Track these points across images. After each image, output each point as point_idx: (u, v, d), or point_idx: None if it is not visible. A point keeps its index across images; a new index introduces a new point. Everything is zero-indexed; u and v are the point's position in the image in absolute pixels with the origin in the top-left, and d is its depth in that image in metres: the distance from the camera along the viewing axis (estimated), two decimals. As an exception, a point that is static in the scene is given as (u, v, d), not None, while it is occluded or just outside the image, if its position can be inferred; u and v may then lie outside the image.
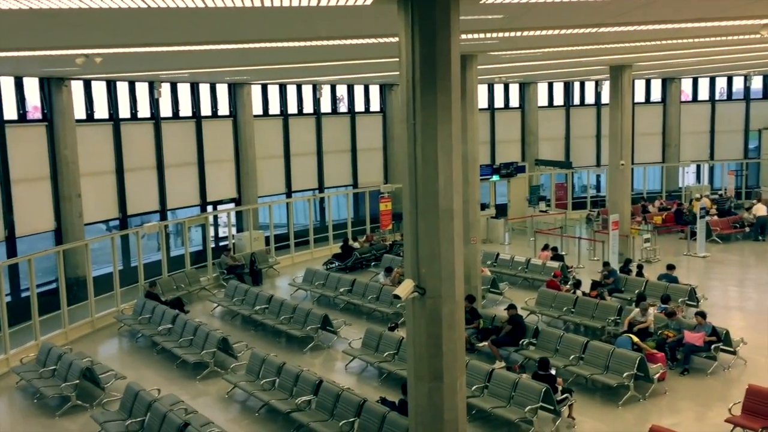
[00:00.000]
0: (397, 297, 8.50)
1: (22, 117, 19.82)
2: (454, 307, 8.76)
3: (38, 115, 20.35)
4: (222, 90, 25.62)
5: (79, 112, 21.08)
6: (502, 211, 30.03)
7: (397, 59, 8.68)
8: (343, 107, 29.76)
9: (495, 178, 29.54)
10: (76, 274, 19.67)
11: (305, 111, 28.31)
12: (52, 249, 18.81)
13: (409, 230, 8.74)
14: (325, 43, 13.52)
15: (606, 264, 19.97)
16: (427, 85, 8.29)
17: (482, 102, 30.66)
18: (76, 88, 20.93)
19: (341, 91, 29.46)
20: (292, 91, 27.69)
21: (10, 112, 19.36)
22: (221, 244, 25.32)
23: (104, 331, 18.26)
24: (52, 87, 20.05)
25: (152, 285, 19.17)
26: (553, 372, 12.51)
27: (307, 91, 28.15)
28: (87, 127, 21.37)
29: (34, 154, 20.00)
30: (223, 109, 25.85)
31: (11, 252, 19.13)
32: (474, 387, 12.30)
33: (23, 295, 18.75)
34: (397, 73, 8.82)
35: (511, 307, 15.62)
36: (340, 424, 11.31)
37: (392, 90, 29.82)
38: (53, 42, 12.56)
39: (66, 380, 13.51)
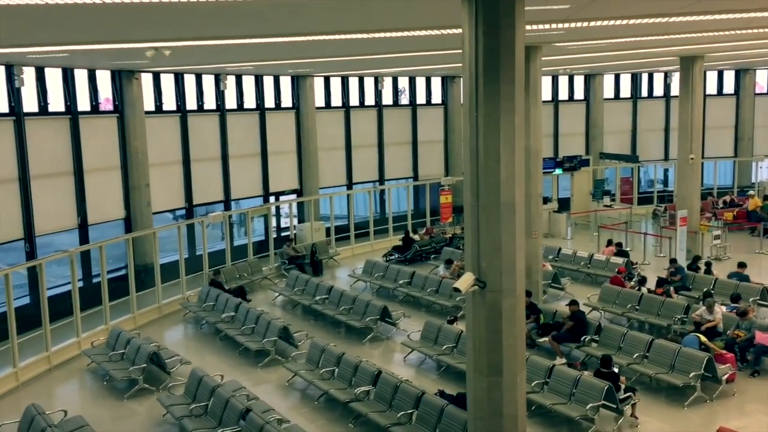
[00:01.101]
0: (457, 290, 8.45)
1: (95, 108, 20.50)
2: (515, 301, 8.66)
3: (110, 107, 21.02)
4: (285, 82, 25.94)
5: (149, 104, 21.69)
6: (564, 205, 29.51)
7: (460, 51, 8.61)
8: (404, 99, 29.73)
9: (558, 171, 29.04)
10: (145, 262, 20.27)
11: (367, 103, 28.40)
12: (122, 237, 19.45)
13: (470, 223, 8.67)
14: (387, 35, 13.52)
15: (673, 261, 19.42)
16: (491, 77, 8.19)
17: (546, 94, 30.16)
18: (146, 80, 21.53)
19: (403, 83, 29.44)
20: (354, 83, 27.82)
21: (84, 104, 20.06)
22: (283, 234, 25.68)
23: (170, 317, 18.77)
24: (123, 79, 20.68)
25: (216, 273, 19.61)
26: (615, 370, 12.26)
27: (369, 83, 28.23)
28: (156, 119, 21.97)
29: (106, 145, 20.68)
30: (286, 101, 26.17)
31: (83, 239, 19.85)
32: (534, 383, 12.16)
33: (94, 281, 19.44)
34: (460, 64, 8.75)
35: (573, 302, 15.36)
36: (399, 415, 11.35)
37: (454, 82, 29.63)
38: (125, 35, 12.94)
39: (134, 364, 13.96)
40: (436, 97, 30.17)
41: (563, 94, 32.27)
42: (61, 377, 15.02)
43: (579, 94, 32.50)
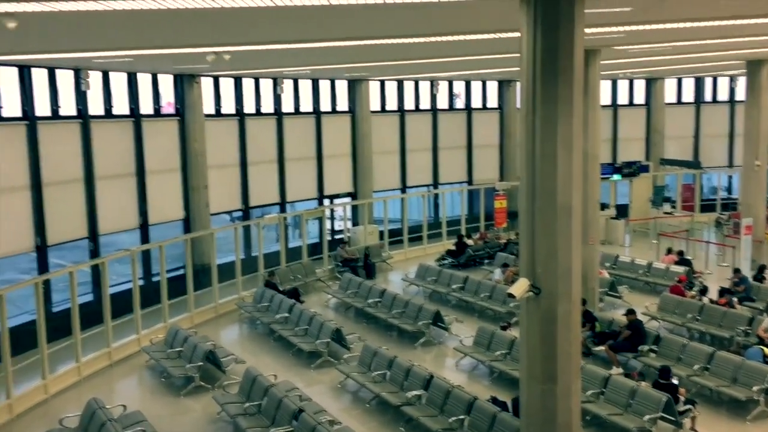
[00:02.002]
0: (511, 296, 8.37)
1: (157, 111, 21.05)
2: (571, 308, 8.53)
3: (171, 110, 21.55)
4: (341, 86, 26.14)
5: (208, 107, 22.15)
6: (622, 211, 28.89)
7: (518, 54, 8.53)
8: (459, 103, 29.61)
9: (616, 177, 28.44)
10: (202, 262, 20.68)
11: (422, 107, 28.39)
12: (181, 237, 19.89)
13: (525, 228, 8.58)
14: (444, 39, 13.50)
15: (737, 271, 18.80)
16: (549, 80, 8.10)
17: (605, 98, 29.61)
18: (206, 84, 22.00)
19: (459, 87, 29.32)
20: (409, 87, 27.84)
21: (147, 107, 20.62)
22: (337, 237, 25.86)
23: (226, 316, 19.10)
24: (184, 83, 21.18)
25: (271, 274, 19.87)
26: (675, 381, 11.92)
27: (425, 87, 28.22)
28: (215, 122, 22.42)
29: (167, 147, 21.21)
30: (342, 104, 26.37)
31: (144, 239, 20.39)
32: (589, 392, 11.93)
33: (154, 279, 19.93)
34: (517, 68, 8.68)
35: (631, 311, 15.01)
36: (450, 420, 11.29)
37: (510, 86, 29.36)
38: (187, 40, 13.27)
39: (191, 361, 14.25)
40: (492, 101, 29.95)
41: (623, 99, 31.62)
42: (121, 373, 15.44)
43: (639, 98, 31.80)
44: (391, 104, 27.70)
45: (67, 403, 13.53)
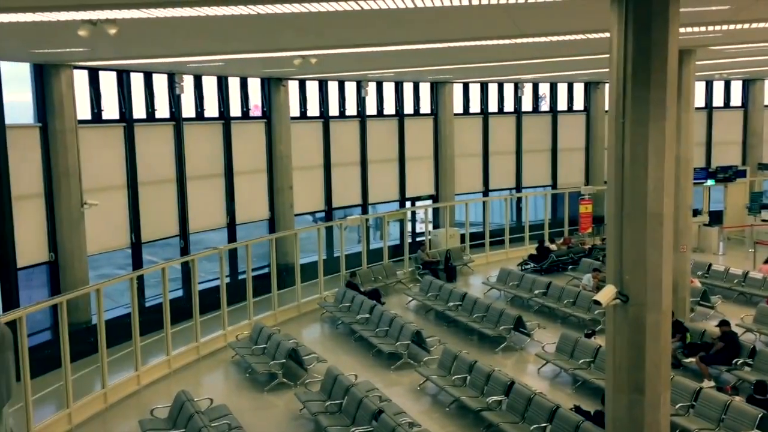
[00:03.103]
0: (597, 303, 8.17)
1: (245, 114, 21.66)
2: (660, 317, 8.25)
3: (258, 113, 22.12)
4: (424, 89, 26.17)
5: (294, 110, 22.62)
6: (716, 218, 27.67)
7: (607, 55, 8.32)
8: (545, 106, 29.11)
9: (710, 182, 27.29)
10: (286, 261, 21.13)
11: (506, 110, 28.08)
12: (266, 236, 20.39)
13: (613, 234, 8.35)
14: (531, 40, 13.32)
15: (841, 282, 17.70)
16: (640, 81, 7.87)
17: (699, 100, 28.46)
18: (292, 87, 22.47)
19: (543, 89, 28.84)
20: (493, 89, 27.59)
21: (235, 110, 21.24)
22: (418, 239, 25.90)
23: (308, 315, 19.42)
24: (271, 86, 21.71)
25: (353, 275, 20.09)
26: (771, 397, 11.33)
27: (509, 89, 27.89)
28: (300, 124, 22.87)
29: (254, 149, 21.79)
30: (425, 107, 26.39)
31: (231, 238, 21.01)
32: (678, 405, 11.49)
33: (240, 277, 20.50)
34: (606, 70, 8.47)
35: (724, 323, 14.36)
36: (531, 428, 11.10)
37: (598, 88, 28.65)
38: (276, 45, 13.59)
39: (274, 359, 14.57)
40: (579, 104, 29.31)
41: (718, 100, 30.33)
42: (208, 367, 15.95)
43: (736, 100, 30.41)
44: (475, 107, 27.52)
45: (157, 395, 14.09)
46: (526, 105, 28.45)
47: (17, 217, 15.44)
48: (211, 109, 20.58)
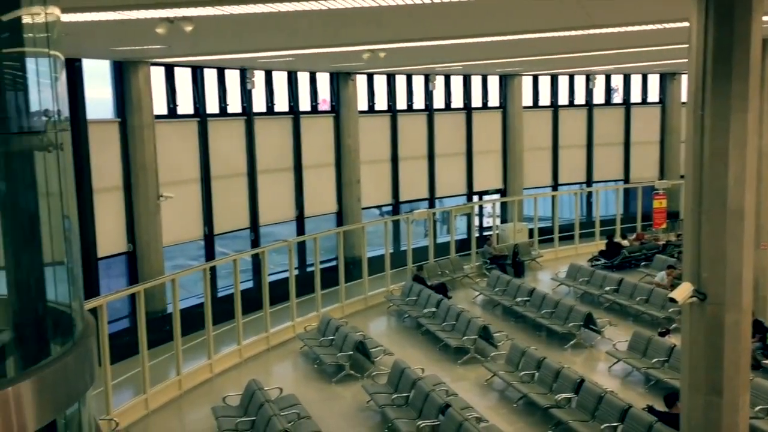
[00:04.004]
0: (672, 300, 7.94)
1: (314, 108, 21.93)
2: (740, 316, 7.95)
3: (327, 107, 22.36)
4: (493, 81, 25.91)
5: (362, 104, 22.77)
6: (799, 214, 26.44)
7: (685, 45, 8.06)
8: (617, 98, 28.41)
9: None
10: (353, 254, 21.32)
11: (576, 102, 27.54)
12: (334, 230, 20.62)
13: (690, 230, 8.10)
14: (604, 31, 13.02)
15: None
16: (721, 72, 7.58)
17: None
18: (361, 81, 22.62)
19: (616, 80, 28.13)
20: (563, 81, 27.09)
21: (305, 105, 21.53)
22: (485, 233, 25.70)
23: (375, 308, 19.54)
24: (340, 81, 21.90)
25: (419, 269, 20.11)
26: None
27: (580, 81, 27.34)
28: (368, 118, 23.00)
29: (322, 143, 22.05)
30: (493, 100, 26.14)
31: (300, 230, 21.34)
32: (758, 407, 11.08)
33: (308, 270, 20.81)
34: (683, 60, 8.20)
35: (808, 323, 13.75)
36: (602, 426, 10.90)
37: (674, 79, 27.78)
38: (345, 39, 13.71)
39: (341, 350, 14.74)
40: (653, 95, 28.48)
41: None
42: (277, 357, 16.27)
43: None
44: (544, 99, 27.09)
45: (229, 383, 14.46)
46: (598, 97, 27.84)
47: (98, 209, 16.11)
48: (281, 103, 20.93)
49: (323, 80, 21.97)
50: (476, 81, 25.58)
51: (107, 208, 16.66)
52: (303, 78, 21.34)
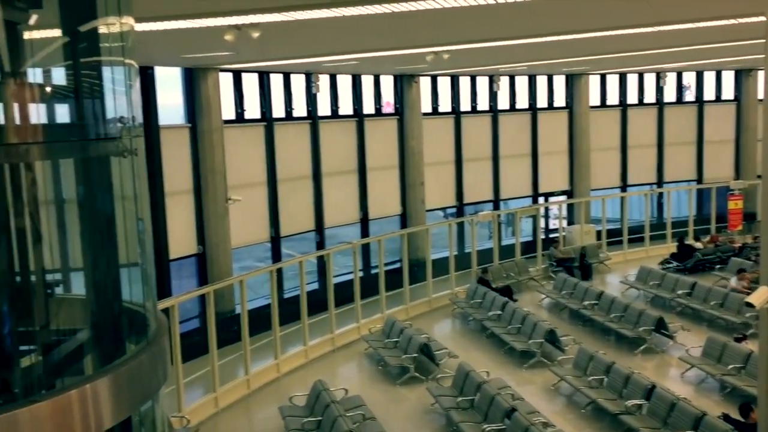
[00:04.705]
0: (749, 305, 7.63)
1: (378, 111, 22.04)
2: (824, 323, 7.59)
3: (390, 110, 22.43)
4: (559, 81, 25.50)
5: (425, 106, 22.76)
6: None
7: (762, 40, 7.75)
8: (689, 96, 27.53)
9: None
10: (417, 256, 21.30)
11: (646, 101, 26.82)
12: (398, 232, 20.67)
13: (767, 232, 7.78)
14: (672, 28, 12.64)
15: None
16: (801, 67, 7.26)
17: None
18: (424, 83, 22.61)
19: (688, 78, 27.27)
20: (632, 80, 26.43)
21: (369, 107, 21.67)
22: (551, 235, 25.30)
23: (439, 311, 19.47)
24: (404, 83, 21.95)
25: (484, 271, 19.95)
26: None
27: (650, 79, 26.62)
28: (431, 120, 22.97)
29: (387, 145, 22.13)
30: (559, 100, 25.72)
31: (364, 233, 21.47)
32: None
33: (372, 272, 20.91)
34: (760, 56, 7.89)
35: None
36: (674, 434, 10.58)
37: (750, 75, 26.73)
38: (409, 42, 13.73)
39: (406, 352, 14.75)
40: (728, 93, 27.48)
41: None
42: (342, 358, 16.40)
43: None
44: (612, 98, 26.49)
45: (295, 383, 14.65)
46: (669, 95, 27.04)
47: (169, 212, 16.58)
48: (346, 106, 21.11)
49: (387, 83, 22.06)
50: (541, 81, 25.22)
51: (178, 211, 17.14)
52: (367, 81, 21.48)
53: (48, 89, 3.68)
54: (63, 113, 3.78)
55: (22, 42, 3.35)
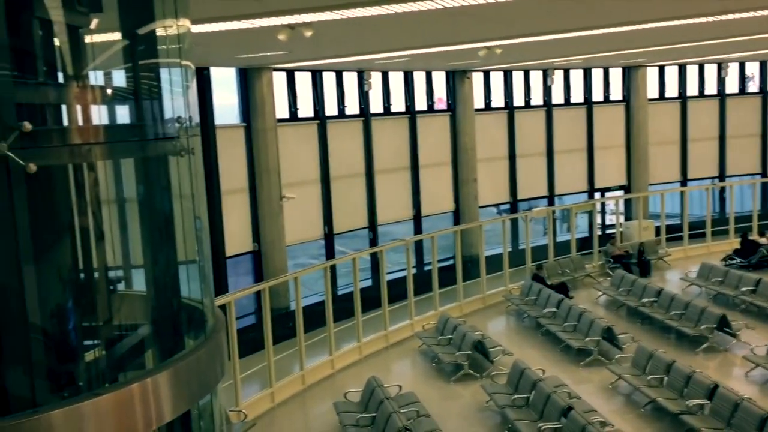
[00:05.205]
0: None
1: (430, 108, 21.97)
2: None
3: (443, 106, 22.34)
4: (615, 74, 24.97)
5: (478, 102, 22.58)
6: None
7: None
8: (753, 86, 26.61)
9: None
10: (470, 253, 21.16)
11: (707, 92, 26.03)
12: (451, 228, 20.57)
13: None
14: (737, 16, 12.22)
15: None
16: None
17: None
18: (477, 79, 22.44)
19: (752, 68, 26.35)
20: (692, 71, 25.69)
21: (421, 104, 21.62)
22: (608, 231, 24.82)
23: (493, 308, 19.33)
24: (456, 79, 21.83)
25: (539, 268, 19.70)
26: None
27: (710, 70, 25.82)
28: (484, 116, 22.79)
29: (439, 142, 22.06)
30: (616, 93, 25.18)
31: (417, 229, 21.45)
32: None
33: (425, 268, 20.87)
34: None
35: None
36: (738, 436, 10.26)
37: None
38: (461, 37, 13.63)
39: (460, 349, 14.68)
40: (794, 82, 26.48)
41: None
42: (396, 354, 16.44)
43: None
44: (671, 90, 25.80)
45: (349, 379, 14.75)
46: (731, 86, 26.18)
47: (225, 210, 16.88)
48: (398, 103, 21.12)
49: (439, 79, 21.97)
50: (597, 74, 24.74)
51: (234, 209, 17.43)
52: (419, 77, 21.44)
53: (108, 91, 3.78)
54: (123, 114, 3.87)
55: (84, 45, 3.45)
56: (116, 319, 3.81)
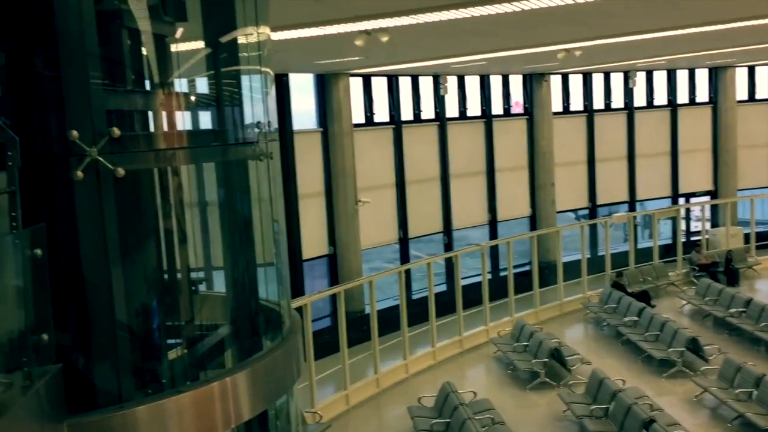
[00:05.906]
0: None
1: (507, 111, 21.73)
2: None
3: (519, 110, 22.05)
4: (701, 75, 24.06)
5: (556, 105, 22.19)
6: None
7: None
8: None
9: None
10: (547, 259, 20.79)
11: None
12: (527, 234, 20.27)
13: None
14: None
15: None
16: None
17: None
18: (555, 82, 22.05)
19: None
20: (785, 71, 24.52)
21: (497, 108, 21.42)
22: (692, 238, 23.90)
23: (571, 315, 18.90)
24: (533, 82, 21.52)
25: (619, 275, 19.17)
26: None
27: (806, 69, 24.58)
28: (562, 119, 22.37)
29: (515, 146, 21.79)
30: (702, 95, 24.27)
31: (493, 234, 21.23)
32: None
33: (501, 274, 20.63)
34: None
35: None
36: (836, 456, 9.67)
37: None
38: (539, 40, 13.43)
39: (536, 357, 14.43)
40: None
41: None
42: (470, 360, 16.29)
43: None
44: (762, 92, 24.66)
45: (423, 384, 14.70)
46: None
47: (302, 213, 17.15)
48: (474, 107, 20.99)
49: (516, 82, 21.71)
50: (682, 75, 23.90)
51: (311, 212, 17.70)
52: (495, 81, 21.24)
53: (192, 98, 3.90)
54: (205, 120, 3.99)
55: (169, 54, 3.56)
56: (198, 319, 3.91)
